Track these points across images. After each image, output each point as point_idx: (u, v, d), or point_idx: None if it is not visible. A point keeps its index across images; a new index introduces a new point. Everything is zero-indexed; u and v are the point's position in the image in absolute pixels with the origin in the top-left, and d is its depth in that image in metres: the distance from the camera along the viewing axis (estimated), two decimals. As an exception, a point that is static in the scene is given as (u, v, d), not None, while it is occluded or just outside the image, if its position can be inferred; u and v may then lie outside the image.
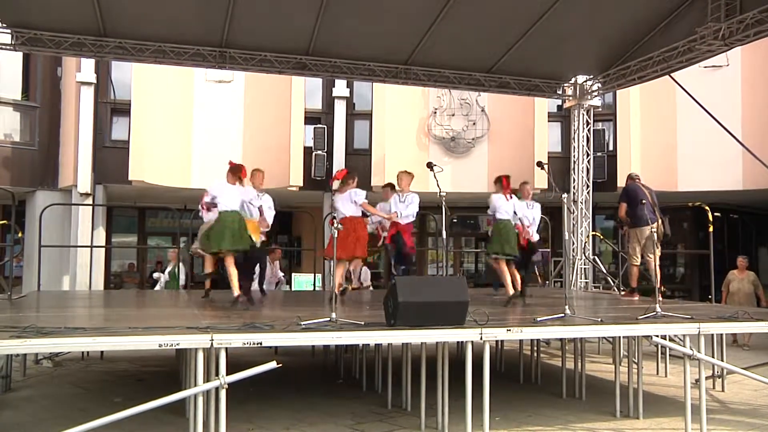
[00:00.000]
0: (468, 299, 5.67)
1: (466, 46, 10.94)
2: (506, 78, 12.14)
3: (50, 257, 12.67)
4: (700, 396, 5.96)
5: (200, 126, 16.35)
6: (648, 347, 8.64)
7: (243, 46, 10.69)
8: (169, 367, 8.77)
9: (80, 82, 15.63)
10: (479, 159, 16.95)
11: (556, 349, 10.33)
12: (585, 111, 13.03)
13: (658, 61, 10.53)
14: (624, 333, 6.52)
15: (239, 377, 4.85)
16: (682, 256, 20.19)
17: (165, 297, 9.96)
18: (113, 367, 9.47)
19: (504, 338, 6.49)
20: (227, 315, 6.50)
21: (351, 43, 10.77)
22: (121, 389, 7.75)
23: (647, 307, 6.69)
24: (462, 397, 5.51)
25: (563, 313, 6.42)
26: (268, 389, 7.42)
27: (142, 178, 15.24)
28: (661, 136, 16.67)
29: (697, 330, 6.07)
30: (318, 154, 16.73)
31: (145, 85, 15.45)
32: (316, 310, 7.23)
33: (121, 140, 15.87)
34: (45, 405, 7.17)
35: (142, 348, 5.01)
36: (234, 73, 15.58)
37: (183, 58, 10.66)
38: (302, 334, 5.30)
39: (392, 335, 5.58)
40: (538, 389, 8.13)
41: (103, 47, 10.31)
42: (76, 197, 15.60)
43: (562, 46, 11.01)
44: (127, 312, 7.50)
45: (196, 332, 5.01)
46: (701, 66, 12.76)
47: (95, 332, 4.89)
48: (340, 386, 8.24)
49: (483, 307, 6.95)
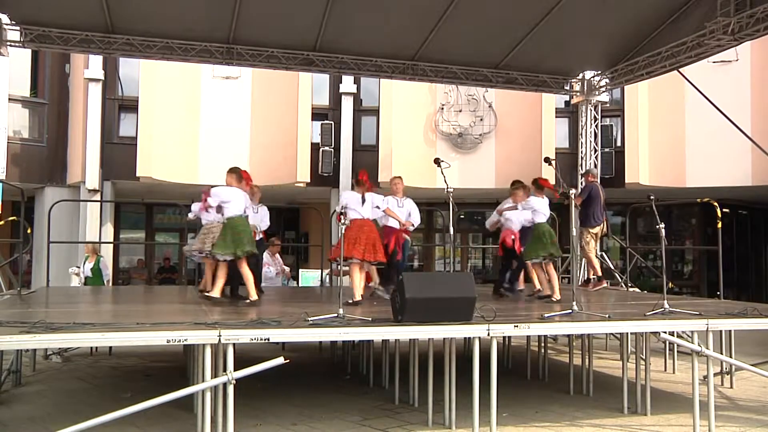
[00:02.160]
0: (475, 295, 5.67)
1: (474, 41, 10.91)
2: (514, 74, 12.10)
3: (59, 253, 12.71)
4: (709, 392, 5.94)
5: (207, 122, 16.39)
6: (656, 343, 8.63)
7: (250, 42, 10.70)
8: (177, 363, 8.80)
9: (88, 78, 15.71)
10: (486, 155, 16.93)
11: (564, 345, 10.32)
12: (593, 107, 12.99)
13: (666, 56, 10.47)
14: (632, 329, 6.49)
15: (247, 373, 4.86)
16: (691, 253, 20.12)
17: (173, 293, 9.99)
18: (122, 362, 9.52)
19: (511, 334, 6.48)
20: (235, 311, 6.51)
21: (358, 39, 10.76)
22: (129, 384, 7.78)
23: (655, 303, 6.66)
24: (469, 393, 5.50)
25: (571, 309, 6.42)
26: (275, 385, 7.44)
27: (149, 174, 15.30)
28: (670, 131, 16.60)
29: (705, 326, 6.05)
30: (325, 150, 16.76)
31: (153, 81, 15.51)
32: (324, 306, 7.24)
33: (129, 137, 15.94)
34: (55, 400, 7.21)
35: (150, 343, 5.03)
36: (241, 69, 15.61)
37: (190, 54, 10.68)
38: (310, 330, 5.31)
39: (400, 331, 5.58)
40: (545, 385, 8.12)
41: (111, 44, 10.35)
42: (84, 193, 15.68)
43: (570, 41, 10.97)
44: (135, 308, 7.52)
45: (204, 328, 5.03)
46: (710, 61, 12.70)
47: (104, 328, 4.92)
48: (347, 382, 8.24)
49: (490, 303, 6.94)
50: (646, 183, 16.30)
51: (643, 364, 6.92)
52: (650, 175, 16.51)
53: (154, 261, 19.16)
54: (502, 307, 6.91)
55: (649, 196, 7.43)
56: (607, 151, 16.05)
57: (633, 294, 10.32)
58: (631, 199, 13.84)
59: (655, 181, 16.36)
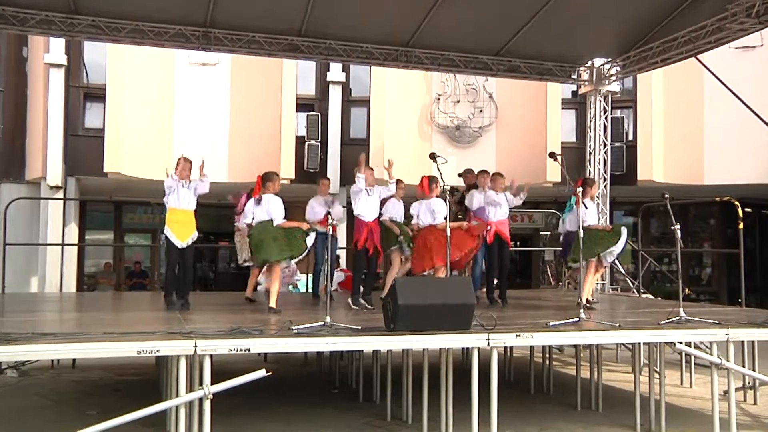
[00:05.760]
0: (474, 302, 5.69)
1: (473, 26, 10.92)
2: (516, 61, 12.12)
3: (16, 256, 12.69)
4: (730, 409, 5.98)
5: (182, 113, 16.34)
6: (671, 355, 8.67)
7: (229, 25, 10.66)
8: (149, 376, 8.78)
9: (49, 63, 15.61)
10: (486, 149, 16.97)
11: (570, 356, 10.36)
12: (602, 97, 13.01)
13: (683, 41, 10.51)
14: (644, 339, 6.53)
15: (225, 387, 4.86)
16: (709, 256, 20.23)
17: (144, 300, 9.96)
18: (86, 376, 9.47)
19: (513, 344, 6.53)
20: (213, 319, 6.50)
21: (347, 23, 10.75)
22: (95, 401, 7.76)
23: (670, 311, 6.69)
24: (468, 408, 5.52)
25: (578, 317, 6.43)
26: (256, 400, 7.42)
27: (118, 169, 15.24)
28: (686, 124, 16.68)
29: (725, 336, 6.09)
30: (311, 144, 16.74)
31: (122, 67, 15.44)
32: (309, 313, 7.24)
33: (95, 128, 15.88)
34: (10, 419, 7.16)
35: (118, 355, 5.03)
36: (219, 55, 15.54)
37: (163, 38, 10.63)
38: (294, 340, 5.32)
39: (391, 341, 5.59)
40: (550, 400, 8.15)
41: (75, 26, 10.27)
42: (45, 191, 15.60)
43: (578, 25, 10.98)
44: (102, 316, 7.51)
45: (179, 338, 5.02)
46: (732, 47, 12.74)
47: (67, 338, 4.91)
48: (335, 396, 8.25)
49: (491, 310, 6.96)
50: (660, 180, 16.38)
51: (657, 378, 6.96)
52: (665, 172, 16.59)
53: (124, 265, 19.09)
54: (503, 315, 6.94)
55: (663, 195, 7.47)
56: (618, 146, 16.11)
57: (646, 301, 10.38)
58: (644, 198, 13.93)
59: (670, 178, 16.44)
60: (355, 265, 8.37)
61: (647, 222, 19.04)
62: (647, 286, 13.17)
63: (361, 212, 8.18)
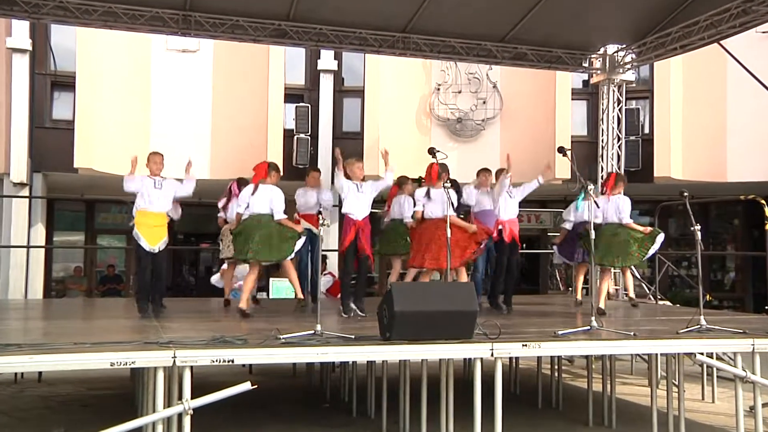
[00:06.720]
0: (477, 309, 5.69)
1: (476, 10, 10.93)
2: (522, 48, 12.14)
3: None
4: (756, 426, 6.00)
5: (160, 104, 16.32)
6: (691, 367, 8.68)
7: (211, 8, 10.66)
8: (123, 390, 8.76)
9: (11, 48, 15.56)
10: (490, 144, 16.99)
11: (581, 368, 10.37)
12: (616, 87, 13.05)
13: (705, 26, 10.53)
14: (662, 349, 6.55)
15: (207, 401, 4.86)
16: (733, 259, 20.29)
17: (118, 307, 9.95)
18: (53, 391, 9.44)
19: (519, 355, 6.53)
20: (193, 327, 6.50)
21: (339, 7, 10.75)
22: (63, 417, 7.75)
23: (690, 319, 6.70)
24: (470, 423, 5.53)
25: (589, 325, 6.43)
26: (241, 415, 7.43)
27: (90, 165, 15.21)
28: (708, 116, 16.72)
29: (751, 347, 6.10)
30: (300, 138, 16.74)
31: (93, 53, 15.39)
32: (298, 321, 7.24)
33: (65, 120, 15.86)
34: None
35: (90, 368, 5.02)
36: (200, 41, 15.56)
37: (138, 22, 10.61)
38: (281, 350, 5.32)
39: (387, 351, 5.60)
40: (559, 415, 8.17)
41: (40, 7, 10.23)
42: (8, 188, 15.55)
43: (590, 9, 11.01)
44: (72, 324, 7.49)
45: (156, 348, 5.02)
46: (758, 31, 12.77)
47: (32, 349, 4.89)
48: (326, 411, 8.25)
49: (495, 317, 6.97)
50: (678, 177, 16.42)
51: (676, 391, 6.97)
52: (684, 168, 16.63)
53: (96, 269, 19.05)
54: (508, 323, 6.94)
55: (682, 193, 7.49)
56: (633, 140, 16.14)
57: (663, 308, 10.41)
58: (661, 196, 13.92)
59: (689, 174, 16.48)
60: (343, 269, 8.22)
61: (665, 222, 19.03)
62: (665, 292, 13.19)
63: (350, 209, 7.87)
